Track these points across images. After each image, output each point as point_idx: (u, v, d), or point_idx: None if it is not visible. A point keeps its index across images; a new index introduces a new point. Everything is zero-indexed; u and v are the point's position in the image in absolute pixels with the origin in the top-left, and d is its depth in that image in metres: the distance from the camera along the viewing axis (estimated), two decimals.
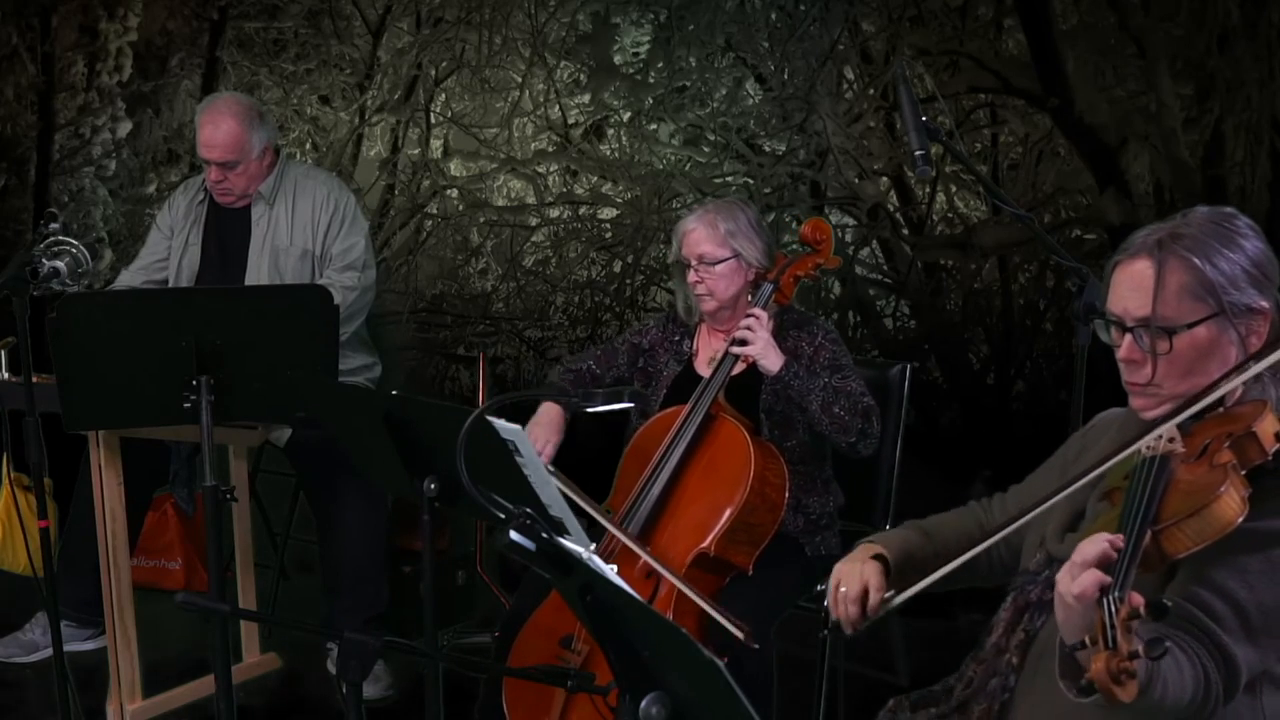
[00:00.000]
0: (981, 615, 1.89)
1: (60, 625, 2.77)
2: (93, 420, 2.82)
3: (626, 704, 1.41)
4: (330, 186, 3.56)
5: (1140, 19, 4.95)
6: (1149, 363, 1.66)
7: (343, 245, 3.49)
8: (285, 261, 3.48)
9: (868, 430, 2.72)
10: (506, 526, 1.51)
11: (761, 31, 5.72)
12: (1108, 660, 1.32)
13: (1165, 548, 1.49)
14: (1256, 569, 1.52)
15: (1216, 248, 1.64)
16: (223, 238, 3.54)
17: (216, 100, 3.48)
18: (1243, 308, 1.65)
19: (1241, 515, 1.48)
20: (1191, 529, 1.48)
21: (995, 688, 1.75)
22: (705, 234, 2.81)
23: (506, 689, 2.62)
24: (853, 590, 1.91)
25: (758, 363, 2.70)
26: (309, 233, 3.48)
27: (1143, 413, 1.71)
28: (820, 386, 2.70)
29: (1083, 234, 5.31)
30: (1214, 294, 1.63)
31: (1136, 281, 1.67)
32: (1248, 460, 1.54)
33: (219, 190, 3.46)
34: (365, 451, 2.36)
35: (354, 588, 3.39)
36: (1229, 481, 1.48)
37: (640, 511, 2.67)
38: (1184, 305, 1.64)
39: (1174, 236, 1.66)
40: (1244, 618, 1.51)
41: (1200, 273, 1.63)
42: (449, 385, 6.42)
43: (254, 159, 3.42)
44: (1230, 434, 1.56)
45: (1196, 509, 1.47)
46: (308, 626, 3.16)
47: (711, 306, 2.85)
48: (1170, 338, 1.64)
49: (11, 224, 6.20)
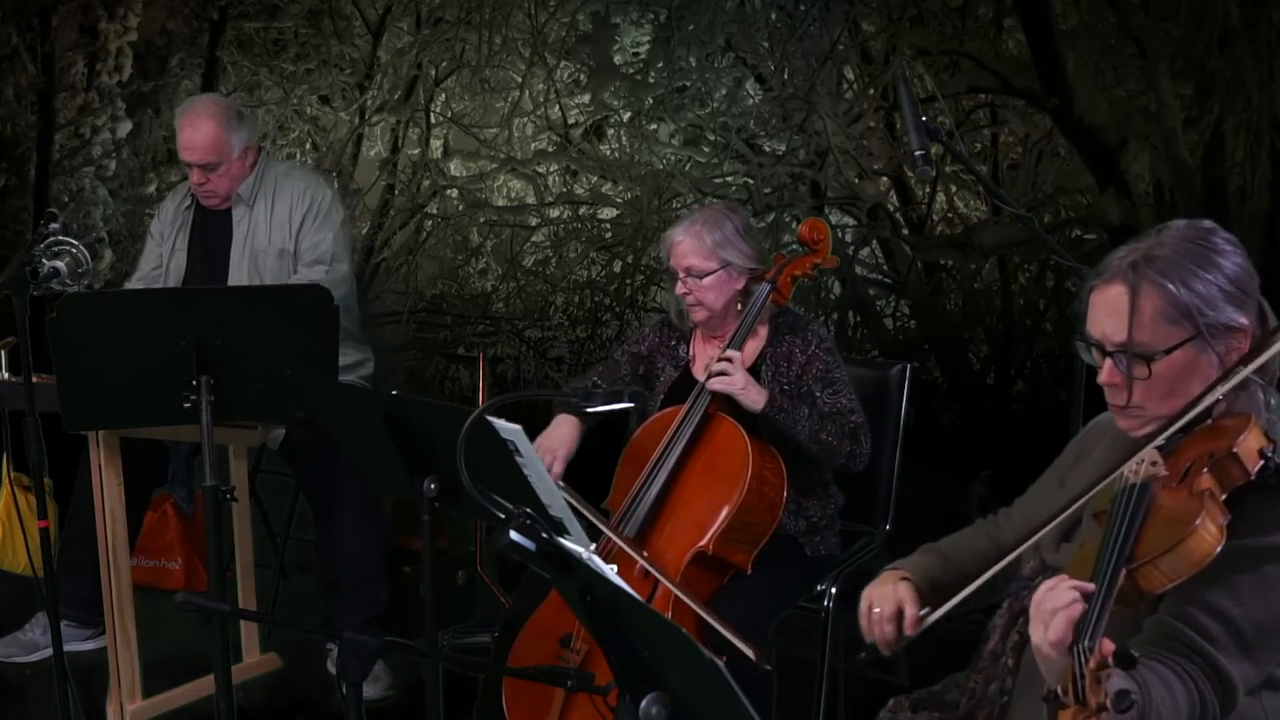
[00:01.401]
0: (982, 615, 1.89)
1: (60, 625, 2.77)
2: (93, 420, 2.82)
3: (626, 704, 1.41)
4: (307, 183, 3.51)
5: (1140, 19, 4.95)
6: (1129, 387, 1.65)
7: (311, 240, 3.45)
8: (264, 262, 3.45)
9: (856, 451, 2.73)
10: (506, 526, 1.51)
11: (761, 31, 5.72)
12: (1074, 715, 1.33)
13: (1142, 585, 1.48)
14: (1248, 585, 1.51)
15: (1191, 269, 1.61)
16: (207, 242, 3.53)
17: (194, 102, 3.46)
18: (1221, 327, 1.62)
19: (1218, 546, 1.46)
20: (1167, 565, 1.47)
21: (994, 693, 1.76)
22: (692, 246, 2.78)
23: (506, 689, 2.62)
24: (887, 610, 1.89)
25: (739, 401, 2.69)
26: (285, 231, 3.45)
27: (1129, 432, 1.70)
28: (805, 416, 2.69)
29: (1083, 234, 5.31)
30: (1190, 317, 1.61)
31: (1112, 307, 1.64)
32: (1230, 482, 1.53)
33: (203, 193, 3.45)
34: (365, 452, 2.36)
35: (353, 588, 3.39)
36: (1205, 512, 1.47)
37: (638, 511, 2.67)
38: (1160, 330, 1.62)
39: (1148, 259, 1.63)
40: (1238, 634, 1.51)
41: (1174, 297, 1.61)
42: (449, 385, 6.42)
43: (235, 159, 3.41)
44: (1212, 454, 1.54)
45: (1171, 545, 1.46)
46: (308, 626, 3.16)
47: (702, 316, 2.84)
48: (1148, 364, 1.62)
49: (11, 224, 6.20)
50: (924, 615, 1.87)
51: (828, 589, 2.80)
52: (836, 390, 2.76)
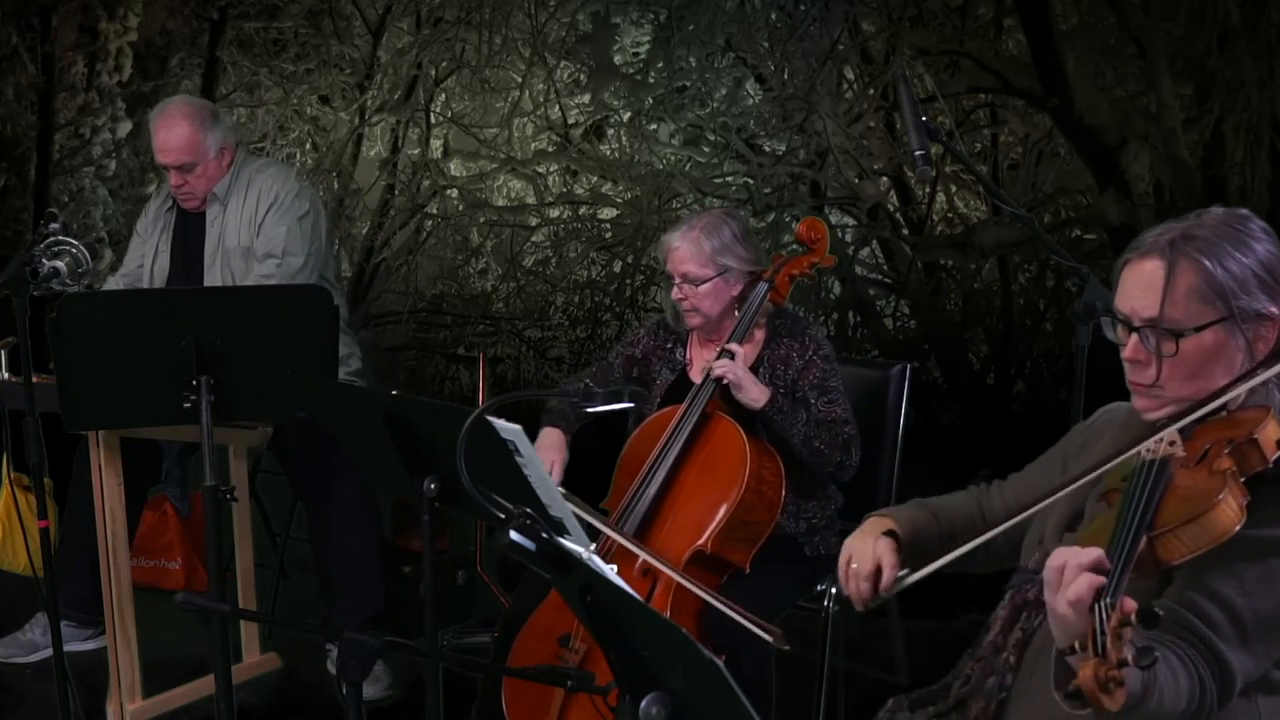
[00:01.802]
0: (980, 614, 1.89)
1: (60, 625, 2.77)
2: (93, 420, 2.82)
3: (626, 704, 1.41)
4: (277, 179, 3.45)
5: (1140, 19, 4.95)
6: (1154, 364, 1.65)
7: (267, 234, 3.39)
8: (235, 262, 3.42)
9: (846, 463, 2.75)
10: (506, 526, 1.51)
11: (761, 31, 5.72)
12: (1095, 668, 1.31)
13: (1160, 554, 1.48)
14: (1253, 576, 1.52)
15: (1228, 250, 1.62)
16: (188, 244, 3.51)
17: (168, 105, 3.44)
18: (1252, 313, 1.63)
19: (1239, 523, 1.47)
20: (1188, 536, 1.47)
21: (993, 686, 1.75)
22: (690, 252, 2.77)
23: (506, 689, 2.62)
24: (865, 567, 1.88)
25: (740, 399, 2.69)
26: (252, 229, 3.42)
27: (1145, 413, 1.70)
28: (802, 420, 2.70)
29: (1083, 234, 5.31)
30: (1223, 298, 1.62)
31: (1146, 281, 1.65)
32: (1248, 467, 1.53)
33: (182, 195, 3.43)
34: (365, 452, 2.36)
35: (349, 589, 3.38)
36: (1227, 489, 1.47)
37: (636, 511, 2.67)
38: (1192, 308, 1.62)
39: (1186, 237, 1.64)
40: (1240, 625, 1.51)
41: (1210, 275, 1.61)
42: (449, 385, 6.43)
43: (211, 160, 3.39)
44: (1231, 440, 1.55)
45: (1194, 516, 1.46)
46: (308, 626, 3.15)
47: (697, 322, 2.84)
48: (1177, 340, 1.62)
49: (11, 224, 6.20)
50: (901, 576, 1.86)
51: (828, 589, 2.80)
52: (832, 400, 2.76)
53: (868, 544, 1.91)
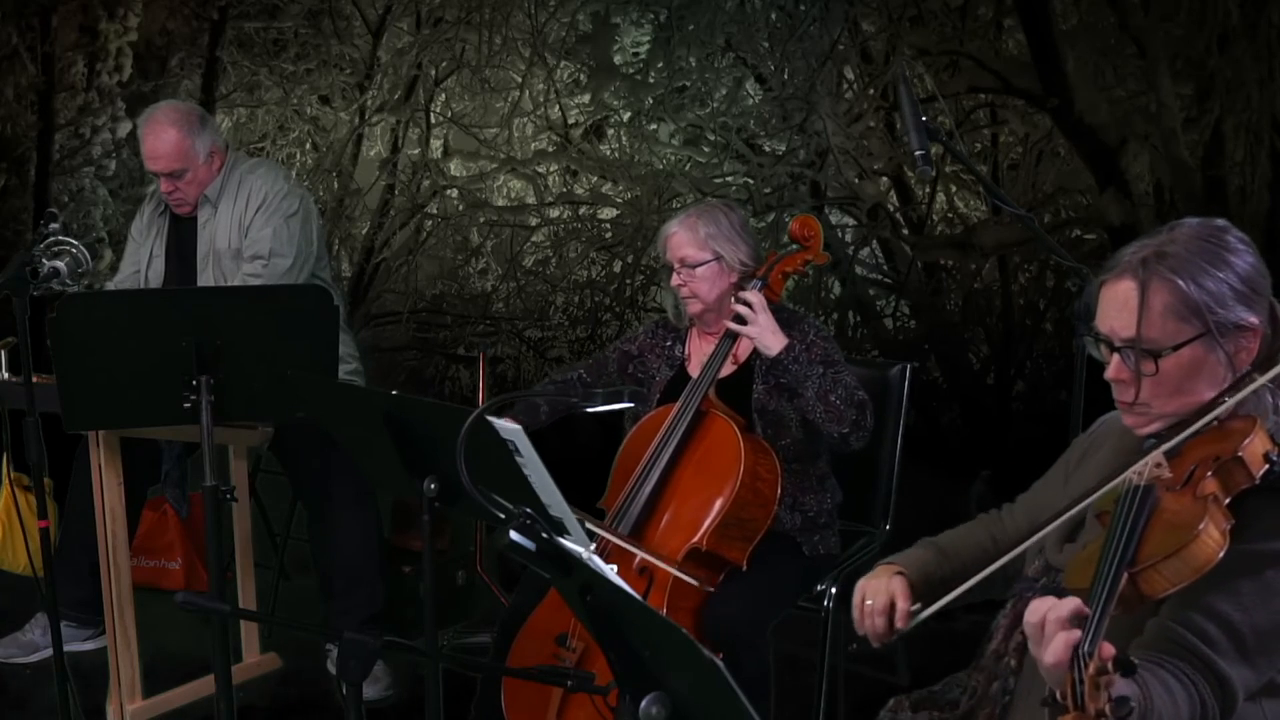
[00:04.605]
0: (981, 615, 1.89)
1: (60, 625, 2.77)
2: (93, 420, 2.82)
3: (626, 704, 1.41)
4: (266, 179, 3.43)
5: (1140, 19, 4.95)
6: (1136, 383, 1.64)
7: (254, 234, 3.37)
8: (225, 264, 3.41)
9: (861, 421, 2.71)
10: (506, 526, 1.51)
11: (761, 31, 5.73)
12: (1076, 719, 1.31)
13: (1144, 589, 1.47)
14: (1249, 590, 1.51)
15: (1203, 266, 1.60)
16: (182, 247, 3.50)
17: (155, 111, 3.41)
18: (1230, 326, 1.61)
19: (1221, 551, 1.45)
20: (1169, 570, 1.46)
21: (996, 692, 1.75)
22: (686, 237, 2.83)
23: (505, 689, 2.62)
24: (879, 603, 1.88)
25: (757, 345, 2.69)
26: (241, 230, 3.40)
27: (1135, 429, 1.70)
28: (818, 375, 2.70)
29: (1083, 234, 5.31)
30: (1200, 314, 1.60)
31: (1121, 302, 1.63)
32: (1234, 486, 1.52)
33: (174, 201, 3.42)
34: (365, 452, 2.36)
35: (349, 589, 3.39)
36: (1208, 517, 1.46)
37: (633, 509, 2.67)
38: (1169, 326, 1.61)
39: (1159, 255, 1.62)
40: (1238, 640, 1.50)
41: (1185, 294, 1.59)
42: (449, 385, 6.43)
43: (201, 164, 3.37)
44: (1217, 458, 1.53)
45: (1174, 549, 1.45)
46: (308, 626, 3.16)
47: (697, 309, 2.86)
48: (1156, 360, 1.61)
49: (11, 224, 6.21)
50: (915, 610, 1.86)
51: (827, 589, 2.80)
52: (839, 370, 2.76)
53: (880, 583, 1.91)
